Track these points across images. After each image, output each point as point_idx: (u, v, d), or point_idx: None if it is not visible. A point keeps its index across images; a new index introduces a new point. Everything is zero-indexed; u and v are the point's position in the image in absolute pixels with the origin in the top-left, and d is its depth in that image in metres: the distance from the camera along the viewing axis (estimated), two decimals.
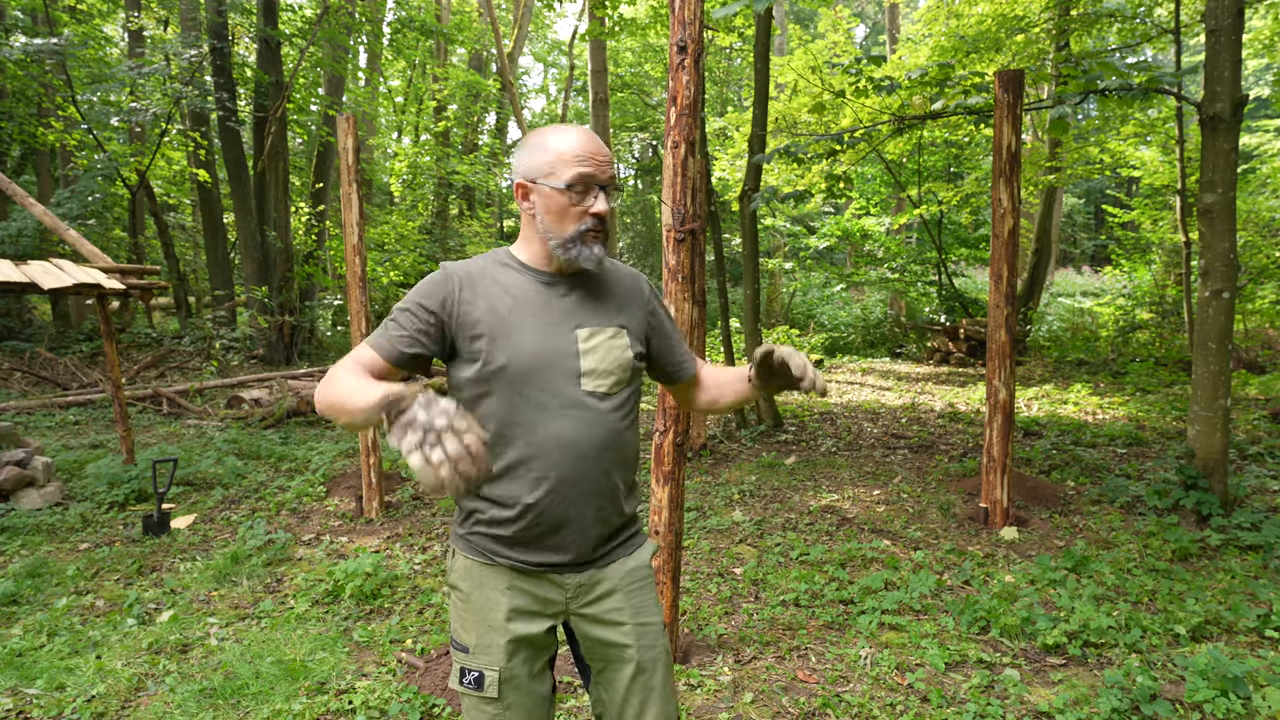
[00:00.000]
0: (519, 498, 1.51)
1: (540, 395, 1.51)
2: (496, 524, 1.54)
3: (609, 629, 1.60)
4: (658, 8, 11.75)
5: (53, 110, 12.73)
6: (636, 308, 1.67)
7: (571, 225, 1.53)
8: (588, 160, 1.51)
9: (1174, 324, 10.99)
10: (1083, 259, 28.86)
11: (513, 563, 1.55)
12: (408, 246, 13.98)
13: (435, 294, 1.52)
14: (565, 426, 1.51)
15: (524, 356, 1.50)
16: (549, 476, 1.50)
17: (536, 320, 1.53)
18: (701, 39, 2.71)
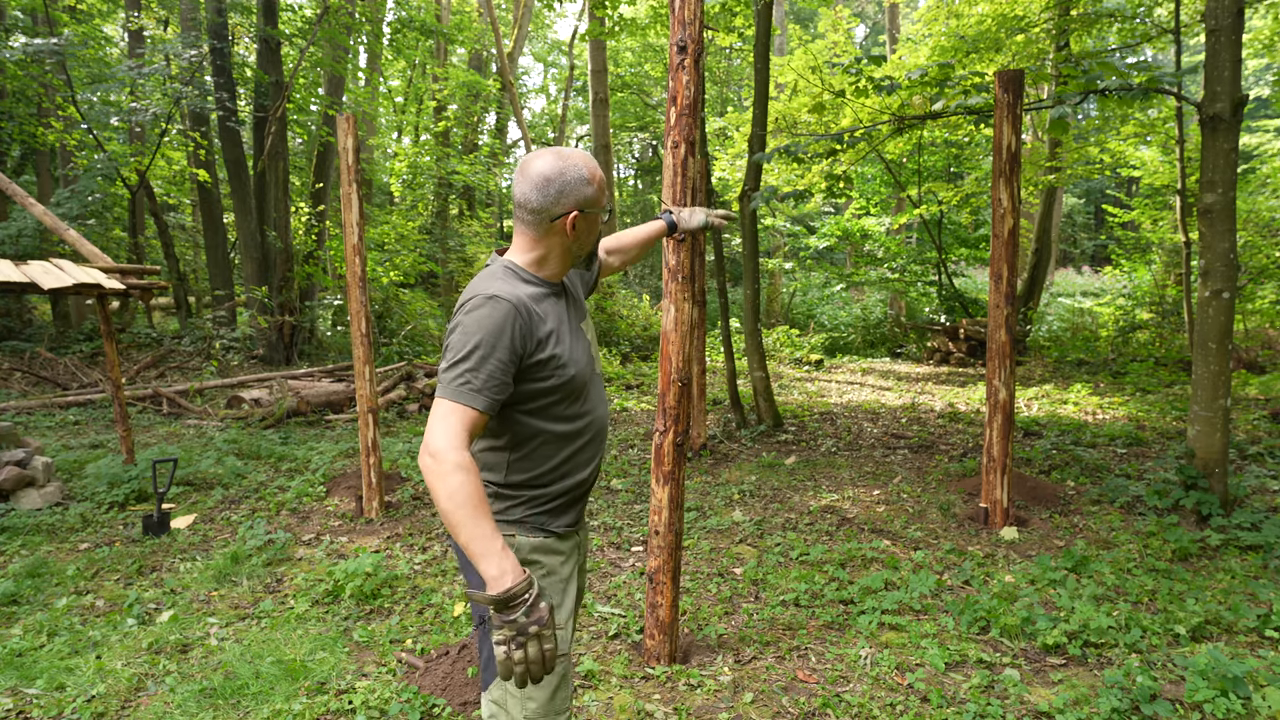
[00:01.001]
0: (577, 476, 1.77)
1: (592, 390, 1.78)
2: (555, 500, 1.74)
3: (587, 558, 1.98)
4: (658, 8, 11.75)
5: (53, 110, 12.72)
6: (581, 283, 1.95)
7: (589, 245, 1.78)
8: (602, 184, 1.74)
9: (1174, 324, 10.99)
10: (1083, 259, 28.87)
11: (565, 531, 1.78)
12: (408, 246, 13.97)
13: (513, 333, 1.58)
14: (602, 410, 1.82)
15: (582, 362, 1.73)
16: (597, 455, 1.82)
17: (569, 328, 1.74)
18: (701, 39, 2.71)
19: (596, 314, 13.87)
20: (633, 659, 3.13)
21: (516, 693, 1.64)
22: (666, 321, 2.98)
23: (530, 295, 1.66)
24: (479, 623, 1.71)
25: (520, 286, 1.66)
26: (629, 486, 5.69)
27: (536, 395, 1.66)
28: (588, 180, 1.68)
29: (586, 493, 1.83)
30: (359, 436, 5.56)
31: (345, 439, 7.22)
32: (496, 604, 1.42)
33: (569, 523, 1.79)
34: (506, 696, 1.67)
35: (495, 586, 1.42)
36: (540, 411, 1.68)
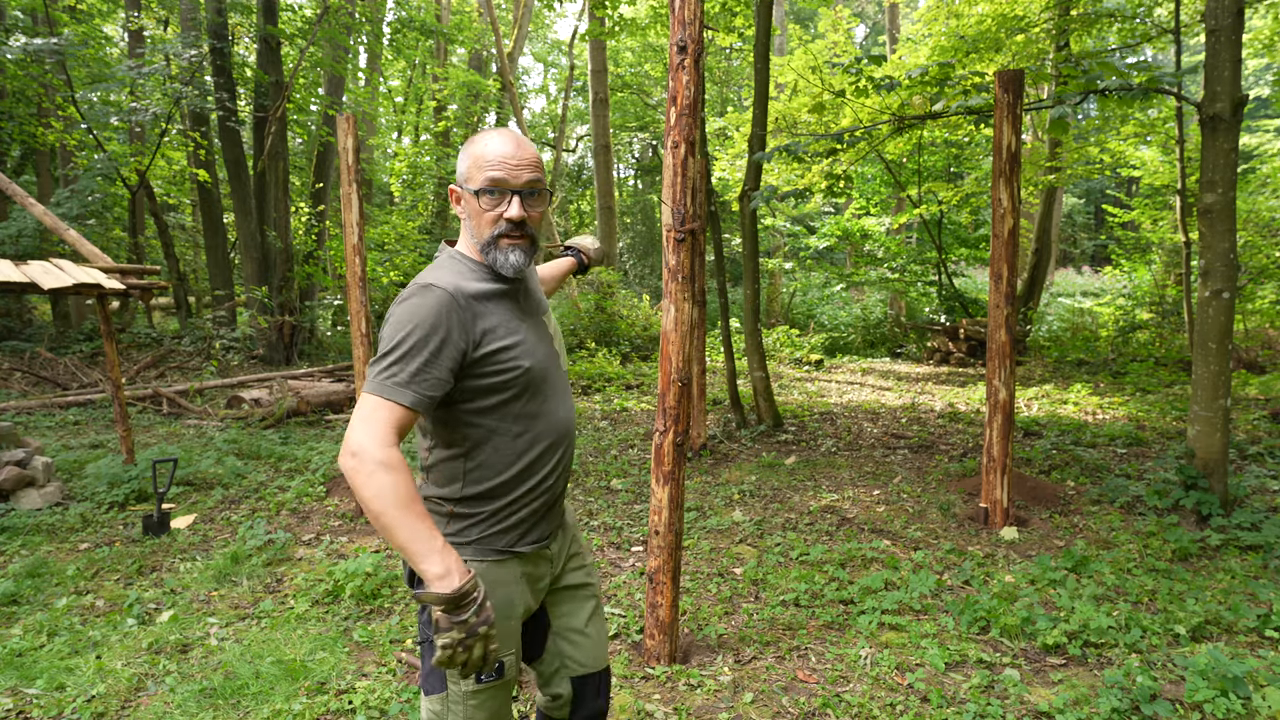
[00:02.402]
0: (539, 486, 1.63)
1: (548, 389, 1.63)
2: (510, 517, 1.60)
3: (576, 573, 1.80)
4: (658, 8, 11.75)
5: (53, 110, 12.72)
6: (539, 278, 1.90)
7: (487, 230, 1.56)
8: (500, 165, 1.53)
9: (1174, 324, 10.99)
10: (1083, 259, 28.87)
11: (522, 549, 1.63)
12: (408, 246, 13.97)
13: (449, 324, 1.46)
14: (564, 409, 1.67)
15: (537, 357, 1.60)
16: (561, 459, 1.67)
17: (524, 319, 1.62)
18: (701, 39, 2.71)
19: (596, 314, 13.86)
20: (633, 659, 3.13)
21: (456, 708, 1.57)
22: (666, 321, 2.98)
23: (472, 283, 1.56)
24: (423, 639, 1.58)
25: (460, 277, 1.56)
26: (629, 486, 5.69)
27: (487, 391, 1.53)
28: (468, 154, 1.57)
29: (553, 504, 1.67)
30: None
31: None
32: (447, 604, 1.34)
33: (534, 540, 1.65)
34: (446, 711, 1.58)
35: (443, 585, 1.34)
36: (492, 410, 1.54)
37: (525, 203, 1.56)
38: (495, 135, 1.58)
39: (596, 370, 11.16)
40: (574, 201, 25.31)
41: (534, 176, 1.56)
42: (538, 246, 1.63)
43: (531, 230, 1.59)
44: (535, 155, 1.59)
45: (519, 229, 1.56)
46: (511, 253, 1.56)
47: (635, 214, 22.89)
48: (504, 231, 1.55)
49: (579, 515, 5.06)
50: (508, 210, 1.54)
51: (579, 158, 24.89)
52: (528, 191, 1.56)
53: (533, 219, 1.58)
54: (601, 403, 9.32)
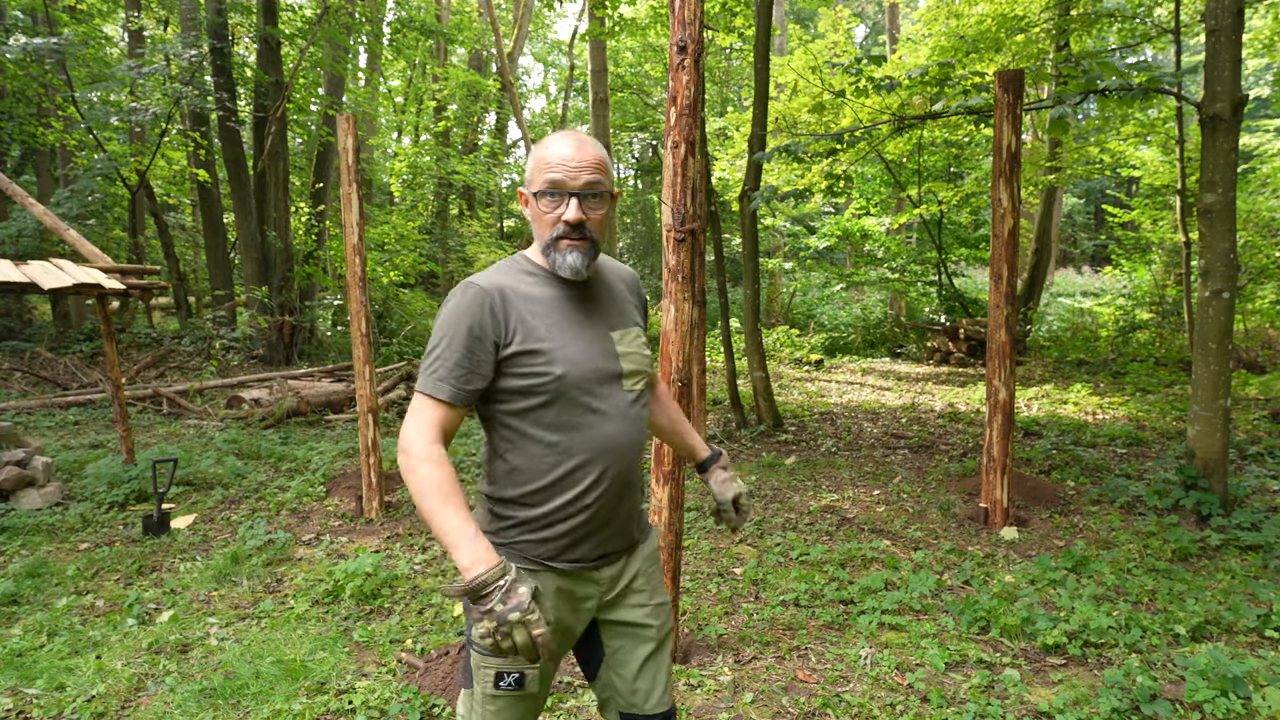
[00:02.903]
0: (576, 502, 1.55)
1: (593, 401, 1.55)
2: (547, 529, 1.55)
3: (634, 610, 1.68)
4: (658, 8, 11.76)
5: (53, 110, 12.72)
6: (638, 303, 1.75)
7: (546, 232, 1.56)
8: (559, 168, 1.52)
9: (1174, 324, 10.99)
10: (1083, 259, 28.87)
11: (559, 565, 1.57)
12: (408, 246, 13.97)
13: (481, 317, 1.50)
14: (615, 429, 1.57)
15: (577, 364, 1.53)
16: (607, 478, 1.56)
17: (575, 326, 1.57)
18: (701, 39, 2.71)
19: None
20: None
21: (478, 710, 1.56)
22: (666, 321, 2.98)
23: (518, 282, 1.57)
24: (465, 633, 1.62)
25: (509, 275, 1.58)
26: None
27: (517, 393, 1.53)
28: (533, 156, 1.57)
29: (600, 526, 1.58)
30: (359, 436, 5.56)
31: (345, 439, 7.22)
32: (470, 594, 1.36)
33: (575, 559, 1.58)
34: (471, 711, 1.58)
35: (466, 575, 1.37)
36: (523, 414, 1.53)
37: (584, 205, 1.53)
38: (557, 137, 1.56)
39: None
40: None
41: (593, 178, 1.53)
42: (599, 248, 1.60)
43: (591, 232, 1.56)
44: (597, 157, 1.55)
45: (577, 231, 1.54)
46: (570, 254, 1.54)
47: (635, 214, 22.89)
48: (562, 234, 1.54)
49: None
50: (566, 212, 1.52)
51: None
52: (587, 194, 1.53)
53: (592, 221, 1.56)
54: None
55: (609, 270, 1.73)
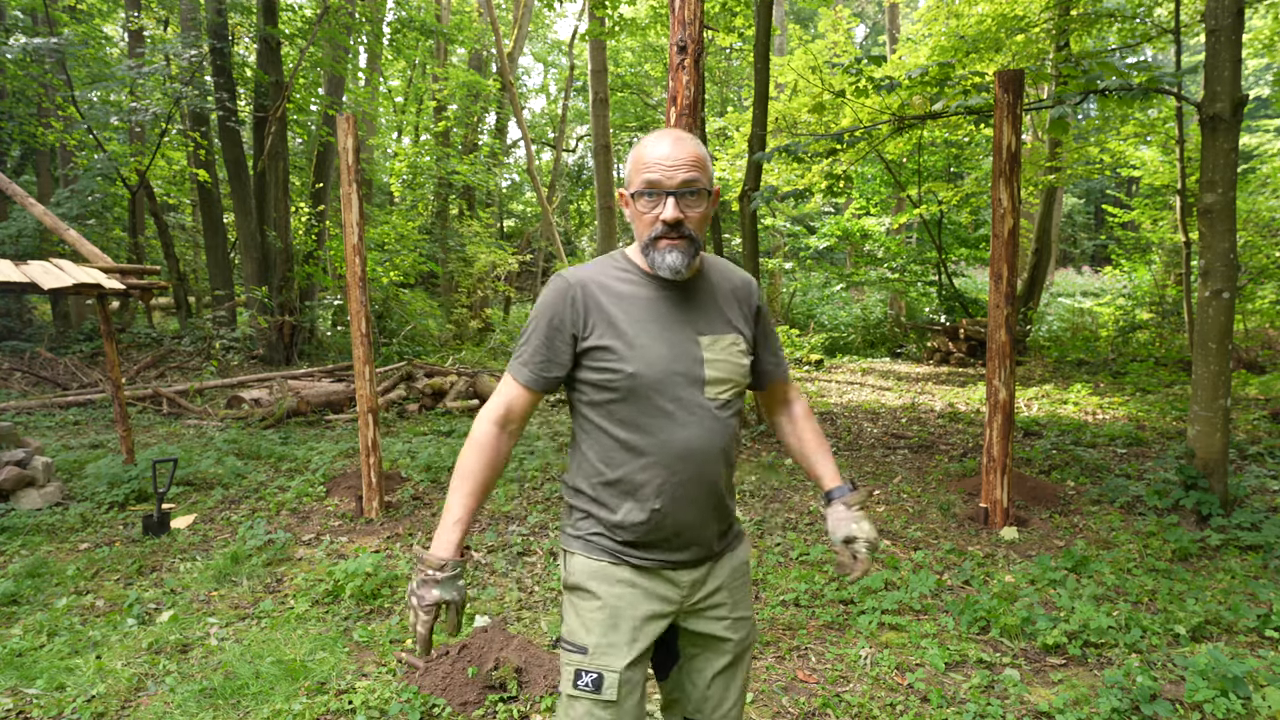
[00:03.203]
0: (646, 503, 1.55)
1: (667, 404, 1.54)
2: (621, 527, 1.56)
3: (713, 623, 1.65)
4: (658, 8, 11.76)
5: (53, 110, 12.72)
6: (747, 311, 1.68)
7: (645, 232, 1.55)
8: (655, 167, 1.51)
9: (1174, 324, 10.99)
10: (1083, 259, 28.87)
11: (634, 560, 1.58)
12: (408, 246, 13.97)
13: (557, 309, 1.56)
14: (690, 434, 1.54)
15: (653, 365, 1.53)
16: (674, 482, 1.54)
17: (659, 327, 1.56)
18: (701, 39, 2.71)
19: None
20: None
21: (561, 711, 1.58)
22: None
23: (608, 278, 1.59)
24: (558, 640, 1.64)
25: (601, 270, 1.61)
26: None
27: (591, 386, 1.57)
28: (631, 156, 1.58)
29: (676, 532, 1.57)
30: (359, 436, 5.56)
31: (345, 439, 7.22)
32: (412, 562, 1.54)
33: (651, 558, 1.58)
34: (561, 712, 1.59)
35: (421, 547, 1.56)
36: (596, 407, 1.57)
37: (681, 203, 1.52)
38: (655, 137, 1.56)
39: None
40: (574, 201, 25.31)
41: (690, 176, 1.52)
42: (699, 247, 1.58)
43: (689, 231, 1.54)
44: (695, 154, 1.53)
45: (675, 230, 1.53)
46: (669, 254, 1.54)
47: None
48: (660, 233, 1.53)
49: None
50: (663, 212, 1.51)
51: (579, 158, 24.89)
52: (684, 192, 1.52)
53: (691, 219, 1.54)
54: None
55: (720, 273, 1.69)
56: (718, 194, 1.63)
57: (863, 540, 1.65)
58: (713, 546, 1.63)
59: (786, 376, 1.80)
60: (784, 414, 1.83)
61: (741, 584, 1.70)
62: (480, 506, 1.60)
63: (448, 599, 1.53)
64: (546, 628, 3.41)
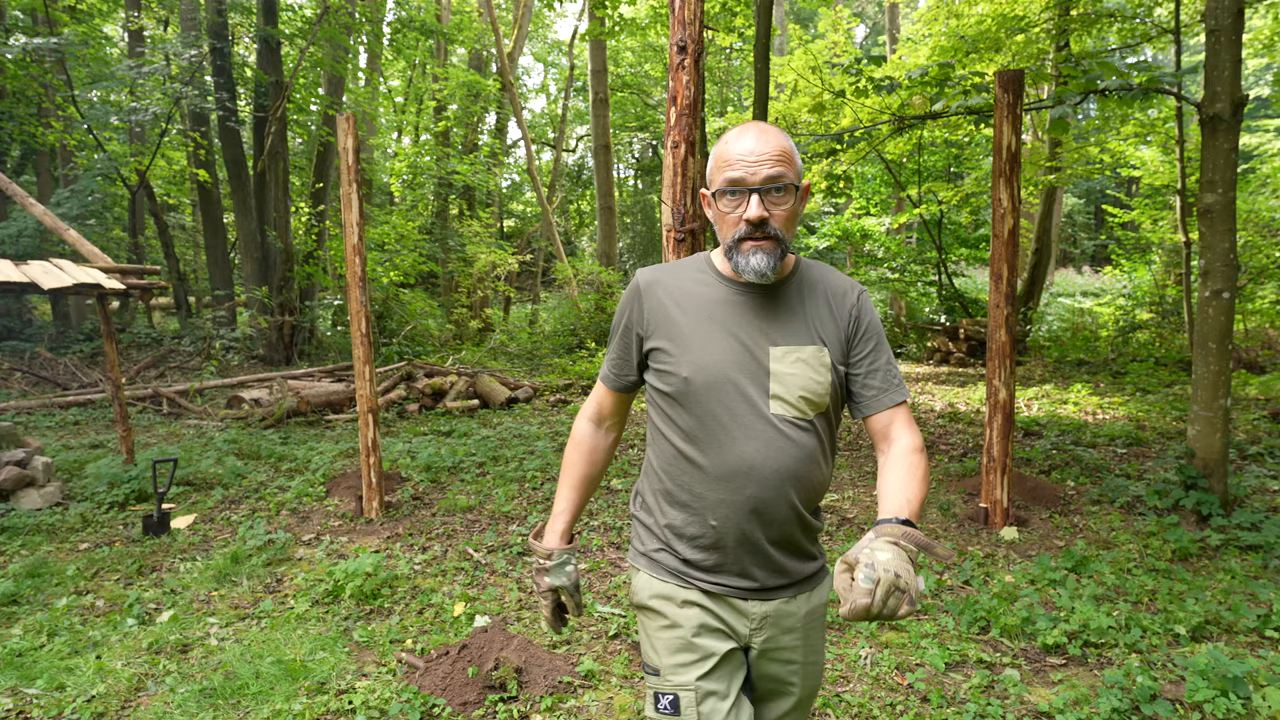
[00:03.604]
0: (704, 519, 1.47)
1: (723, 414, 1.44)
2: (684, 544, 1.50)
3: (782, 666, 1.54)
4: (658, 8, 11.76)
5: (53, 110, 12.73)
6: (841, 324, 1.51)
7: (729, 233, 1.45)
8: (738, 163, 1.41)
9: (1174, 324, 10.99)
10: (1083, 259, 28.86)
11: (701, 584, 1.50)
12: (408, 246, 13.96)
13: (628, 310, 1.56)
14: (748, 450, 1.43)
15: (707, 372, 1.44)
16: (732, 501, 1.44)
17: (723, 332, 1.46)
18: (701, 39, 2.72)
19: (596, 314, 13.84)
20: (633, 659, 3.12)
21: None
22: None
23: (681, 278, 1.53)
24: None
25: (678, 270, 1.55)
26: (629, 486, 5.69)
27: (655, 390, 1.53)
28: (712, 155, 1.48)
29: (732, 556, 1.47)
30: (359, 436, 5.56)
31: (345, 439, 7.22)
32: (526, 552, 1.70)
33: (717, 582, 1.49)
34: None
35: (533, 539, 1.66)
36: (662, 412, 1.52)
37: (766, 200, 1.41)
38: (736, 132, 1.45)
39: (596, 370, 11.16)
40: (574, 201, 25.31)
41: (775, 171, 1.40)
42: (787, 248, 1.45)
43: (776, 230, 1.42)
44: (780, 148, 1.42)
45: (760, 229, 1.41)
46: (753, 256, 1.42)
47: (635, 214, 22.88)
48: (744, 234, 1.42)
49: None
50: (746, 210, 1.41)
51: (579, 158, 24.90)
52: (770, 188, 1.40)
53: (777, 218, 1.42)
54: None
55: (818, 281, 1.53)
56: (808, 189, 1.51)
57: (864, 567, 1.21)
58: (788, 575, 1.50)
59: (890, 408, 1.51)
60: (882, 453, 1.51)
61: (818, 627, 1.58)
62: (585, 498, 1.67)
63: (558, 584, 1.60)
64: (546, 628, 3.41)
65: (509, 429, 7.66)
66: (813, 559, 1.56)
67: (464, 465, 6.21)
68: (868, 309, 1.53)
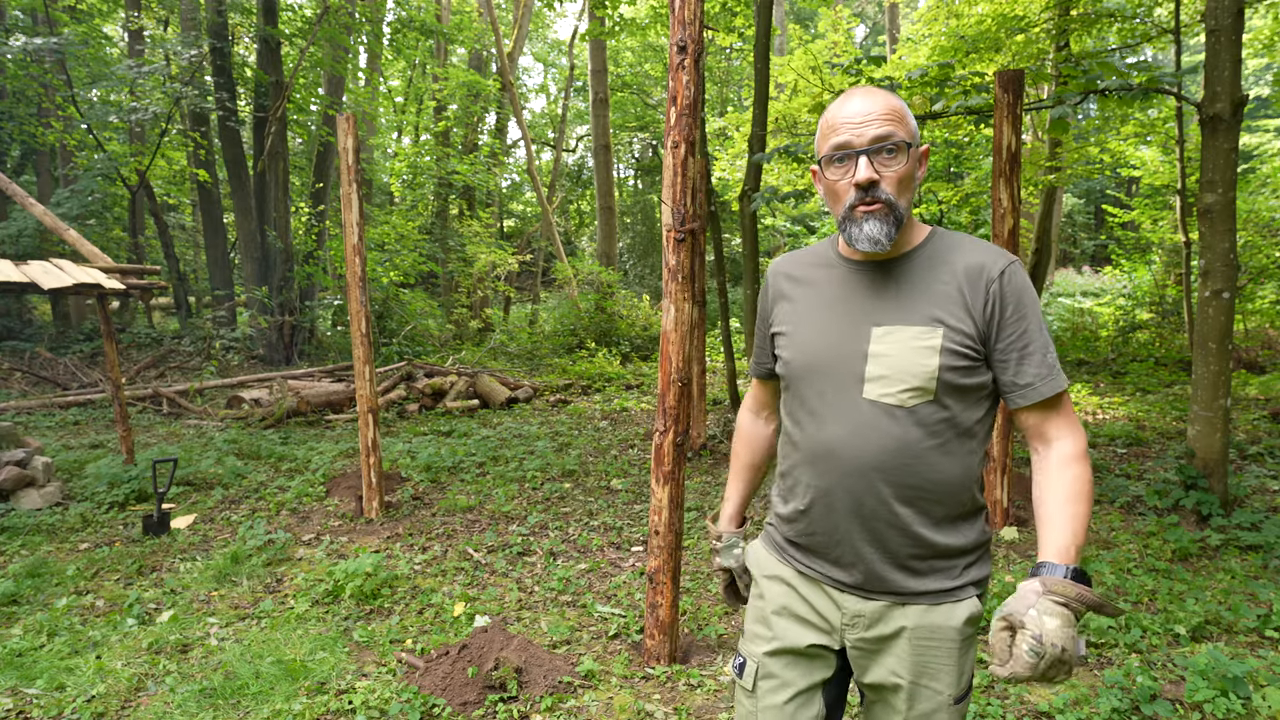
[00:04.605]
0: (794, 502, 1.46)
1: (815, 398, 1.40)
2: (783, 522, 1.53)
3: (884, 676, 1.40)
4: (658, 8, 11.76)
5: (53, 110, 12.73)
6: (972, 300, 1.33)
7: (839, 204, 1.35)
8: (842, 128, 1.32)
9: (1174, 324, 10.99)
10: (1083, 259, 28.85)
11: (796, 564, 1.49)
12: (408, 246, 13.96)
13: (762, 299, 1.59)
14: (836, 434, 1.36)
15: (806, 354, 1.41)
16: (820, 486, 1.39)
17: (831, 314, 1.41)
18: (701, 39, 2.71)
19: (596, 314, 13.84)
20: (633, 659, 3.12)
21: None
22: (666, 321, 2.98)
23: (802, 263, 1.51)
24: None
25: (804, 255, 1.53)
26: (629, 486, 5.69)
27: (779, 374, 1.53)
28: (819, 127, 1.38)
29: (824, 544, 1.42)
30: (359, 436, 5.56)
31: (345, 439, 7.22)
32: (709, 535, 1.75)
33: (810, 566, 1.46)
34: None
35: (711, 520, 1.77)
36: (783, 395, 1.53)
37: (876, 161, 1.30)
38: (842, 97, 1.36)
39: (596, 370, 11.16)
40: (574, 201, 25.31)
41: (884, 131, 1.29)
42: (903, 215, 1.33)
43: (887, 195, 1.31)
44: (889, 106, 1.31)
45: (870, 193, 1.31)
46: (866, 223, 1.32)
47: (635, 214, 22.87)
48: (855, 200, 1.32)
49: (579, 514, 5.06)
50: (856, 174, 1.31)
51: (579, 158, 24.90)
52: (878, 149, 1.30)
53: (889, 179, 1.31)
54: (601, 403, 9.32)
55: (950, 254, 1.37)
56: (926, 153, 1.41)
57: (1029, 637, 1.13)
58: (887, 578, 1.37)
59: (1037, 402, 1.34)
60: (1037, 456, 1.37)
61: (934, 648, 1.37)
62: (752, 483, 1.74)
63: (726, 565, 1.69)
64: (546, 627, 3.41)
65: (509, 429, 7.66)
66: (936, 568, 1.37)
67: (464, 465, 6.21)
68: (1014, 288, 1.33)
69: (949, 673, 1.37)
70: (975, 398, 1.35)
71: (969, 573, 1.39)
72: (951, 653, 1.37)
